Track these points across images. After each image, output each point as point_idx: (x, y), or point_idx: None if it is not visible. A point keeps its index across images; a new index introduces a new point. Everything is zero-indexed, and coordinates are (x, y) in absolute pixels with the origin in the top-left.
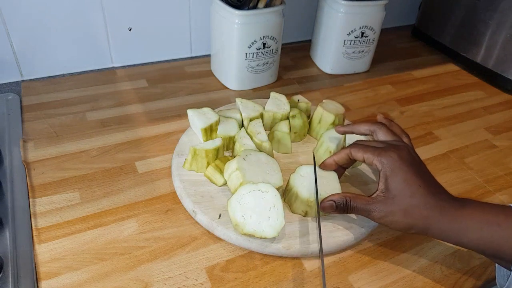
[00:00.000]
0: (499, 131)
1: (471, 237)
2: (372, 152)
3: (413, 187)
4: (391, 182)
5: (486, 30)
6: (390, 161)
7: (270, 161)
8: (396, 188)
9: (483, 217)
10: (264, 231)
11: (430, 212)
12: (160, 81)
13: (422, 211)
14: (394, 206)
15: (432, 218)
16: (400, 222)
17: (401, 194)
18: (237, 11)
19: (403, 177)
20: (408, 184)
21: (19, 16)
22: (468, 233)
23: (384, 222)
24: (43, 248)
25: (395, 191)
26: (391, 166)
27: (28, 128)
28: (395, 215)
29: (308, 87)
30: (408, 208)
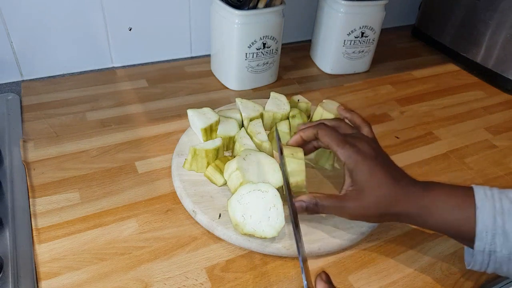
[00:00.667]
0: (499, 131)
1: (435, 219)
2: (337, 142)
3: (378, 178)
4: (356, 176)
5: (486, 30)
6: (352, 155)
7: (270, 161)
8: (362, 182)
9: (446, 199)
10: (264, 231)
11: (398, 200)
12: (160, 81)
13: (391, 199)
14: (365, 200)
15: (401, 205)
16: (372, 214)
17: (369, 186)
18: (237, 11)
19: (367, 170)
20: (373, 176)
21: (19, 16)
22: (433, 216)
23: (357, 216)
24: (43, 248)
25: (362, 184)
26: (353, 160)
27: (28, 128)
28: (368, 209)
29: (308, 87)
30: (378, 199)
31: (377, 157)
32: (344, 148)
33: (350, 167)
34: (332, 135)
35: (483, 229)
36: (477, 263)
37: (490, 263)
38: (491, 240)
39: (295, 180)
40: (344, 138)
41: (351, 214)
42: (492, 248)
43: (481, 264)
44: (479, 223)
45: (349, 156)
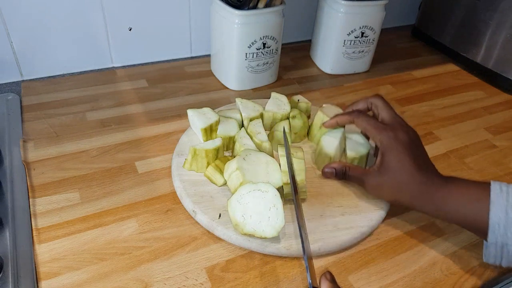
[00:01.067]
0: (499, 131)
1: (450, 211)
2: (374, 127)
3: (404, 165)
4: (386, 159)
5: (486, 30)
6: (387, 140)
7: (270, 161)
8: (389, 165)
9: (464, 192)
10: (264, 231)
11: (415, 188)
12: (160, 81)
13: (408, 186)
14: (385, 180)
15: (416, 193)
16: (387, 195)
17: (393, 171)
18: (237, 11)
19: (397, 156)
20: (400, 162)
21: (19, 16)
22: (447, 207)
23: (373, 193)
24: (43, 248)
25: (388, 167)
26: (388, 145)
27: (28, 128)
28: (383, 188)
29: (308, 87)
30: (397, 184)
31: (410, 146)
32: (381, 133)
33: (383, 150)
34: (370, 120)
35: (495, 222)
36: (491, 255)
37: (503, 256)
38: (503, 233)
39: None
40: (382, 123)
41: (369, 189)
42: (504, 240)
43: (495, 257)
44: (492, 216)
45: (384, 139)
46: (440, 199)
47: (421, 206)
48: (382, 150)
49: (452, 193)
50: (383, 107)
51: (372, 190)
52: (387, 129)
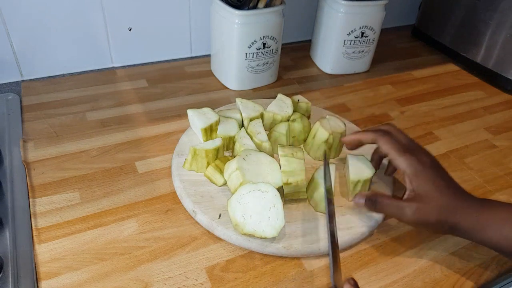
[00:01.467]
0: (499, 131)
1: (492, 234)
2: (396, 149)
3: (440, 186)
4: (417, 183)
5: (486, 30)
6: (412, 163)
7: (270, 161)
8: (424, 189)
9: (505, 215)
10: (264, 231)
11: (458, 210)
12: (160, 81)
13: (451, 209)
14: (425, 204)
15: (460, 216)
16: (431, 220)
17: (430, 195)
18: (237, 11)
19: (428, 178)
20: (435, 185)
21: (19, 16)
22: (491, 230)
23: (416, 222)
24: (43, 248)
25: (423, 191)
26: (414, 169)
27: (28, 128)
28: (427, 213)
29: (308, 87)
30: (439, 207)
31: (436, 167)
32: (404, 156)
33: (411, 175)
34: (392, 143)
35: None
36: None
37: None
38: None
39: (295, 180)
40: (404, 147)
41: (411, 217)
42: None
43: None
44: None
45: (410, 164)
46: (481, 221)
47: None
48: (409, 175)
49: (492, 215)
50: (398, 131)
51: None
52: (409, 152)
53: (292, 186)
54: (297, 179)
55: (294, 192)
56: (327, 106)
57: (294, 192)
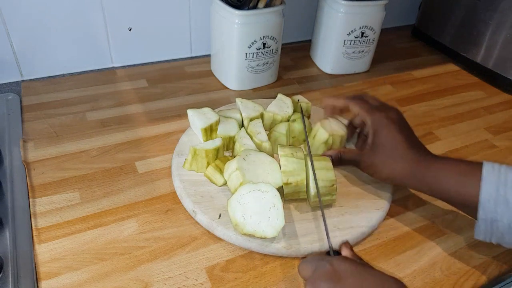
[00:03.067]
0: (499, 131)
1: (442, 186)
2: (367, 109)
3: (395, 142)
4: (377, 137)
5: (486, 30)
6: (379, 119)
7: (270, 161)
8: (381, 142)
9: (455, 168)
10: (264, 231)
11: (408, 164)
12: (160, 81)
13: (400, 163)
14: (378, 157)
15: (409, 169)
16: (382, 172)
17: (384, 148)
18: (237, 11)
19: (388, 134)
20: (391, 140)
21: (19, 16)
22: (439, 182)
23: (369, 172)
24: (43, 248)
25: (380, 144)
26: (379, 124)
27: (28, 128)
28: (377, 166)
29: (308, 87)
30: (389, 160)
31: (400, 124)
32: (373, 113)
33: (375, 128)
34: (362, 103)
35: (486, 198)
36: (481, 232)
37: (493, 232)
38: (493, 209)
39: (295, 180)
40: (374, 106)
41: (364, 167)
42: (494, 216)
43: (484, 234)
44: (483, 192)
45: (376, 119)
46: (432, 176)
47: (414, 183)
48: (374, 128)
49: (444, 170)
50: (371, 97)
51: (366, 169)
52: (378, 109)
53: (292, 186)
54: (297, 179)
55: (294, 192)
56: None
57: (294, 192)
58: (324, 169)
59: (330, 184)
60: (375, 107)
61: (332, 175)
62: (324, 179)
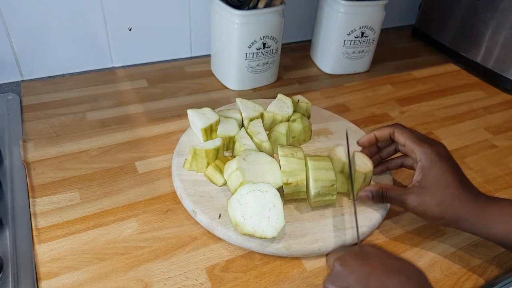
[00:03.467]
0: (499, 131)
1: (497, 229)
2: (415, 140)
3: (447, 180)
4: (428, 173)
5: (486, 30)
6: (429, 153)
7: (270, 161)
8: (432, 180)
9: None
10: (264, 231)
11: (462, 204)
12: (160, 81)
13: (455, 202)
14: (429, 197)
15: (463, 210)
16: (433, 212)
17: (437, 186)
18: (237, 11)
19: (440, 170)
20: (444, 177)
21: (19, 16)
22: (495, 225)
23: (417, 212)
24: (43, 248)
25: (431, 182)
26: (430, 159)
27: (28, 128)
28: (428, 205)
29: (308, 87)
30: (442, 199)
31: (451, 160)
32: (422, 146)
33: (425, 164)
34: (409, 133)
35: None
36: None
37: None
38: None
39: (295, 180)
40: (420, 138)
41: (412, 207)
42: None
43: None
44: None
45: (427, 154)
46: (488, 216)
47: (467, 225)
48: (423, 163)
49: (499, 210)
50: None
51: (414, 208)
52: (427, 143)
53: (292, 186)
54: (297, 179)
55: (294, 192)
56: (327, 106)
57: (294, 192)
58: (324, 169)
59: (330, 184)
60: (423, 139)
61: (332, 175)
62: (324, 179)
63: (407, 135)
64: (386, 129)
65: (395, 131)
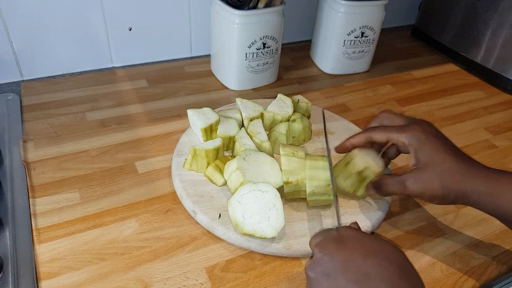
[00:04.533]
0: (499, 131)
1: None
2: (396, 130)
3: (443, 154)
4: (420, 153)
5: (486, 30)
6: (416, 134)
7: (271, 161)
8: (427, 157)
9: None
10: (264, 231)
11: (465, 177)
12: (160, 81)
13: (456, 176)
14: (428, 174)
15: (467, 183)
16: (436, 191)
17: (433, 162)
18: (237, 11)
19: (432, 146)
20: (438, 152)
21: (19, 16)
22: (505, 195)
23: (421, 194)
24: (43, 248)
25: (426, 160)
26: (418, 139)
27: (28, 128)
28: (430, 183)
29: (308, 87)
30: (442, 174)
31: (440, 135)
32: (405, 131)
33: (414, 146)
34: (387, 128)
35: None
36: None
37: None
38: None
39: (296, 179)
40: (402, 124)
41: (416, 188)
42: None
43: None
44: None
45: (412, 135)
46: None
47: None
48: (413, 146)
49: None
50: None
51: (417, 191)
52: (410, 126)
53: (293, 185)
54: (297, 178)
55: (294, 191)
56: (327, 106)
57: (294, 191)
58: (321, 168)
59: (325, 184)
60: (404, 126)
61: (328, 175)
62: (319, 179)
63: (384, 131)
64: (361, 136)
65: (371, 135)
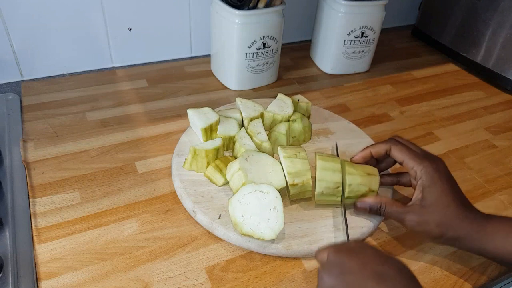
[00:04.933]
0: (499, 131)
1: (495, 245)
2: (414, 158)
3: (448, 199)
4: (429, 192)
5: (486, 30)
6: (430, 172)
7: (273, 162)
8: (433, 199)
9: (508, 227)
10: (262, 233)
11: (462, 223)
12: (160, 81)
13: (454, 221)
14: (428, 216)
15: (462, 228)
16: (432, 231)
17: (437, 205)
18: (237, 11)
19: (441, 189)
20: (444, 196)
21: (19, 16)
22: (494, 241)
23: (416, 230)
24: (43, 248)
25: (432, 201)
26: (431, 177)
27: (28, 128)
28: (428, 225)
29: (308, 87)
30: (442, 219)
31: (451, 179)
32: (422, 164)
33: (426, 183)
34: (408, 150)
35: None
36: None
37: None
38: None
39: (301, 180)
40: (418, 154)
41: (411, 226)
42: None
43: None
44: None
45: (428, 172)
46: (487, 233)
47: (466, 243)
48: (423, 182)
49: (497, 227)
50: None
51: (414, 226)
52: (427, 159)
53: (299, 186)
54: (302, 179)
55: (300, 192)
56: (327, 106)
57: (300, 192)
58: (330, 170)
59: (334, 186)
60: (421, 156)
61: (337, 177)
62: (329, 181)
63: (404, 152)
64: (382, 146)
65: (391, 148)
